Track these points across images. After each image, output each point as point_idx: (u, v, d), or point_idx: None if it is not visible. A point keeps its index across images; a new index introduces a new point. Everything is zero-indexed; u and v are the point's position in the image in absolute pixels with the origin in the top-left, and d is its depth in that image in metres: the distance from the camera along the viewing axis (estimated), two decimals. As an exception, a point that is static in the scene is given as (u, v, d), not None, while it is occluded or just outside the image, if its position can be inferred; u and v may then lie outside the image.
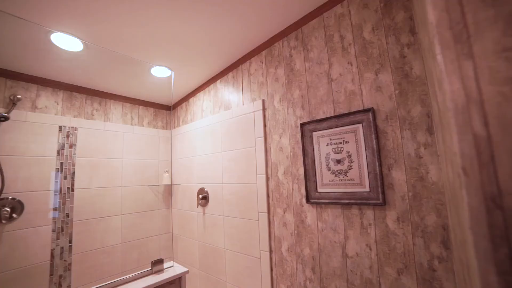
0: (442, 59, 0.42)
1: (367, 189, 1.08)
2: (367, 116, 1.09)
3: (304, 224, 1.31)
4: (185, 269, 1.33)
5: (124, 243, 2.08)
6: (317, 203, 1.25)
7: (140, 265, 2.14)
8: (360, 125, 1.12)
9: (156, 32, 1.39)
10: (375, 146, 1.06)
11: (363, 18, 1.15)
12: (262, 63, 1.61)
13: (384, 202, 1.03)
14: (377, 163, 1.05)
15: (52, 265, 1.70)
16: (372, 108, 1.08)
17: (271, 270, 1.45)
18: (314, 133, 1.28)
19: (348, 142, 1.16)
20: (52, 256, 1.71)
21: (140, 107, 2.37)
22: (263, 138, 1.54)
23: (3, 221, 1.53)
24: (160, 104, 2.51)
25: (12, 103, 1.62)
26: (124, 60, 1.68)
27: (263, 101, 1.57)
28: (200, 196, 1.97)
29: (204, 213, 1.98)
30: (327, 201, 1.21)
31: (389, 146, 1.04)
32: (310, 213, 1.29)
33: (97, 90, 2.05)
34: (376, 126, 1.07)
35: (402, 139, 1.01)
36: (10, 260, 1.54)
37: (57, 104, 1.85)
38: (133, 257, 2.13)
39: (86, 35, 1.38)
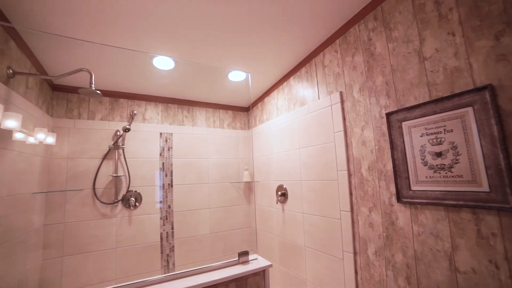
0: None
1: (485, 188, 0.86)
2: (482, 96, 0.87)
3: (394, 226, 1.16)
4: (269, 263, 1.38)
5: (212, 234, 2.35)
6: (410, 203, 1.08)
7: (226, 255, 2.37)
8: (469, 109, 0.90)
9: (230, 37, 1.50)
10: (496, 133, 0.83)
11: (469, -27, 0.91)
12: (337, 52, 1.51)
13: (515, 206, 0.79)
14: (501, 155, 0.82)
15: (161, 245, 2.12)
16: (490, 84, 0.85)
17: (356, 273, 1.35)
18: (403, 123, 1.11)
19: (451, 130, 0.95)
20: (161, 238, 2.13)
21: (221, 110, 2.62)
22: (342, 132, 1.44)
23: (131, 208, 2.05)
24: (237, 107, 2.71)
25: (132, 117, 2.14)
26: (206, 70, 1.89)
27: (341, 93, 1.47)
28: (279, 193, 2.01)
29: (283, 210, 2.01)
30: (424, 201, 1.03)
31: (520, 132, 0.79)
32: (402, 214, 1.13)
33: (185, 100, 2.40)
34: (497, 107, 0.83)
35: (542, 122, 0.75)
36: (137, 237, 2.05)
37: (158, 114, 2.27)
38: (220, 246, 2.38)
39: (176, 54, 1.63)
